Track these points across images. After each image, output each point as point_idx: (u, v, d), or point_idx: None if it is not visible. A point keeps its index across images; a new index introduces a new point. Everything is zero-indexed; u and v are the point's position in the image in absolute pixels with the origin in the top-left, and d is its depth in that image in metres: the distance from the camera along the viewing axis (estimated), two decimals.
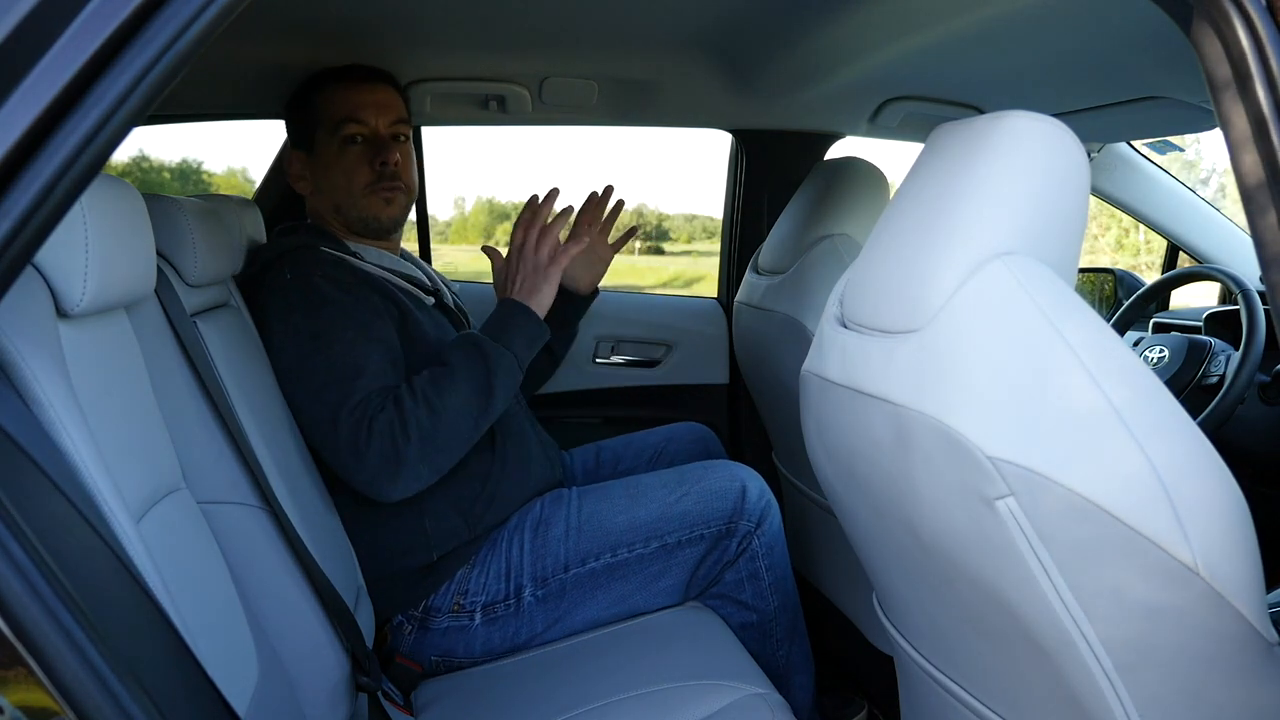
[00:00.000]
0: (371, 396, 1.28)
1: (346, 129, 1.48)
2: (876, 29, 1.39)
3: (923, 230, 0.81)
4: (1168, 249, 2.28)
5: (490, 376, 1.34)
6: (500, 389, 1.35)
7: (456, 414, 1.30)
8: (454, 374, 1.32)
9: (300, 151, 1.55)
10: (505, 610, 1.41)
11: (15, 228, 0.55)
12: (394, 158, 1.49)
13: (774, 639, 1.50)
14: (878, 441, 0.82)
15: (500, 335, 1.38)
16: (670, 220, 18.67)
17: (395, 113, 1.52)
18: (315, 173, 1.53)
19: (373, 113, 1.49)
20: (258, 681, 0.98)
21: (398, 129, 1.52)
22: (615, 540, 1.42)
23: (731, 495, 1.44)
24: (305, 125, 1.53)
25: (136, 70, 0.56)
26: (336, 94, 1.50)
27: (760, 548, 1.45)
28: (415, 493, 1.30)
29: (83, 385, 0.77)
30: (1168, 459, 0.68)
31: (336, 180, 1.50)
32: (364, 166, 1.49)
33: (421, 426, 1.27)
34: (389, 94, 1.53)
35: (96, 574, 0.61)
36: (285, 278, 1.37)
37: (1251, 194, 0.72)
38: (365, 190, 1.49)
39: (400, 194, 1.52)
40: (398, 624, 1.43)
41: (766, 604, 1.48)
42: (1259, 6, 0.70)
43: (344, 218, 1.52)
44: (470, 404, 1.32)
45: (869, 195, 1.64)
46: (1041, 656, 0.75)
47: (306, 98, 1.53)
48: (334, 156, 1.49)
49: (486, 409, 1.34)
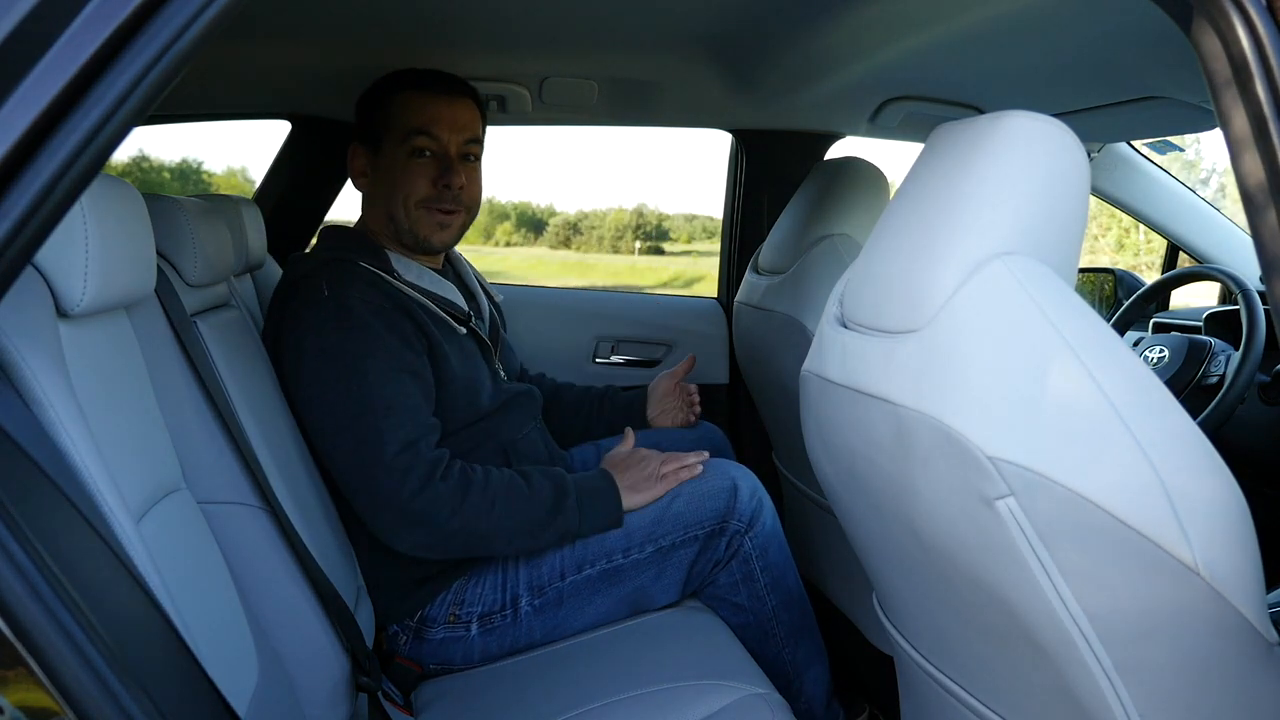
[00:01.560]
0: (420, 446, 1.28)
1: (416, 141, 1.43)
2: (876, 29, 1.39)
3: (923, 230, 0.81)
4: (1168, 249, 2.28)
5: (547, 529, 1.34)
6: (546, 541, 1.36)
7: (501, 528, 1.31)
8: (527, 500, 1.33)
9: (365, 148, 1.49)
10: (502, 620, 1.39)
11: (15, 228, 0.55)
12: (459, 180, 1.44)
13: (775, 639, 1.48)
14: (878, 441, 0.82)
15: (585, 507, 1.37)
16: (670, 220, 18.62)
17: (470, 131, 1.47)
18: (375, 174, 1.48)
19: (447, 129, 1.44)
20: (258, 681, 0.98)
21: (470, 149, 1.47)
22: (610, 546, 1.40)
23: (723, 495, 1.42)
24: (375, 123, 1.47)
25: (136, 70, 0.56)
26: (414, 101, 1.44)
27: (753, 550, 1.43)
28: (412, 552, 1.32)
29: (83, 385, 0.77)
30: (1168, 459, 0.68)
31: (394, 190, 1.44)
32: (425, 181, 1.44)
33: (471, 517, 1.29)
34: (468, 110, 1.47)
35: (96, 574, 0.61)
36: (323, 293, 1.33)
37: (1251, 194, 0.72)
38: (420, 206, 1.44)
39: (458, 217, 1.48)
40: (393, 633, 1.42)
41: (763, 605, 1.46)
42: (1259, 6, 0.70)
43: (395, 228, 1.47)
44: (516, 532, 1.33)
45: (869, 195, 1.64)
46: (1041, 656, 0.75)
47: (382, 96, 1.47)
48: (398, 165, 1.44)
49: (522, 542, 1.35)
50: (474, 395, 1.44)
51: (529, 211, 20.21)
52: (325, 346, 1.31)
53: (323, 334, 1.31)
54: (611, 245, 18.66)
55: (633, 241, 18.78)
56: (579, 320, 2.28)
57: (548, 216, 20.24)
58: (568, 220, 20.14)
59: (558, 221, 19.97)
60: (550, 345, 2.23)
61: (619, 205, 23.47)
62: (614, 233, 19.07)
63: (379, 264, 1.41)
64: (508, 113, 1.93)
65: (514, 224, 19.99)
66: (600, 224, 19.51)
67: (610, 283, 2.80)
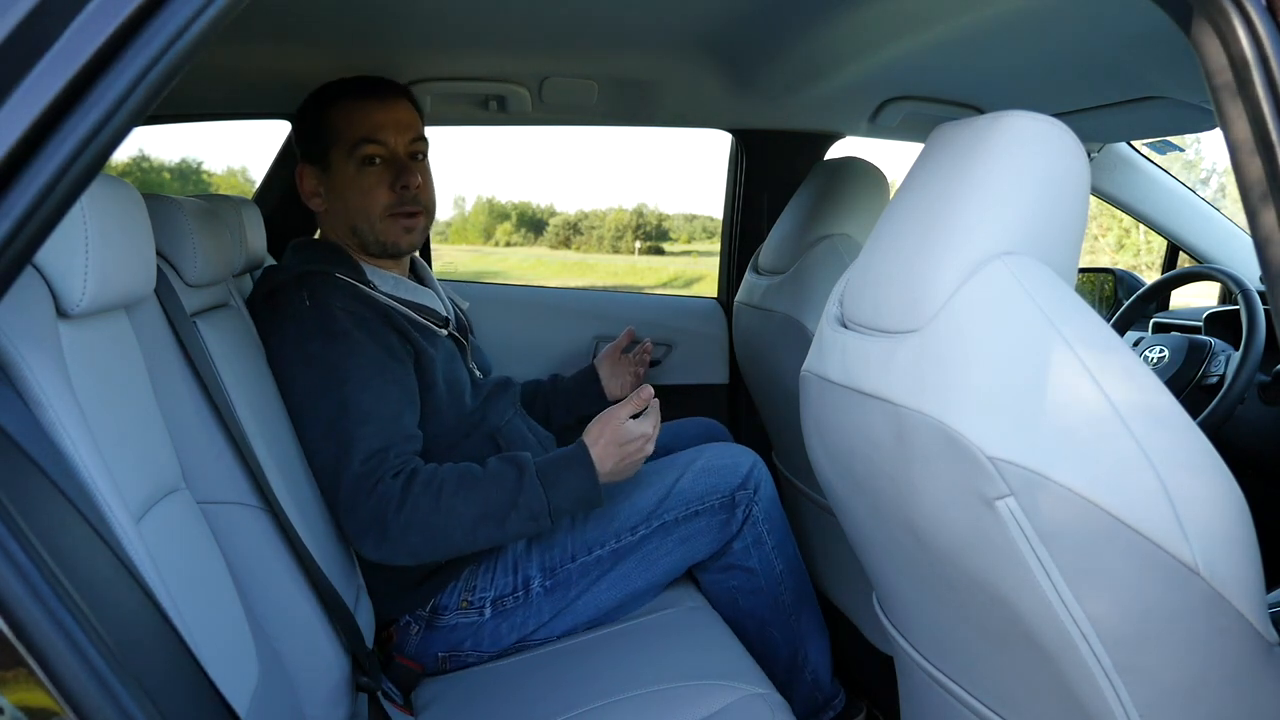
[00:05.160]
0: (389, 454, 1.26)
1: (364, 149, 1.42)
2: (876, 29, 1.39)
3: (923, 230, 0.81)
4: (1168, 249, 2.28)
5: (511, 510, 1.28)
6: (515, 525, 1.28)
7: (457, 521, 1.26)
8: (479, 485, 1.28)
9: (313, 166, 1.47)
10: (514, 602, 1.42)
11: (15, 228, 0.55)
12: (415, 180, 1.44)
13: (784, 605, 1.54)
14: (877, 441, 0.82)
15: (551, 478, 1.30)
16: (670, 220, 18.63)
17: (414, 130, 1.46)
18: (330, 191, 1.46)
19: (392, 132, 1.43)
20: (258, 681, 0.98)
21: (417, 147, 1.47)
22: (619, 526, 1.45)
23: (727, 471, 1.49)
24: (318, 140, 1.46)
25: (136, 70, 0.56)
26: (353, 112, 1.43)
27: (760, 514, 1.50)
28: (391, 563, 1.30)
29: (83, 385, 0.77)
30: (1168, 459, 0.68)
31: (353, 202, 1.44)
32: (383, 189, 1.43)
33: (417, 511, 1.24)
34: (407, 111, 1.47)
35: (96, 574, 0.61)
36: (304, 304, 1.33)
37: (1251, 194, 0.72)
38: (384, 214, 1.44)
39: (421, 218, 1.48)
40: (404, 624, 1.43)
41: (772, 568, 1.52)
42: (1259, 6, 0.70)
43: (360, 239, 1.46)
44: (477, 523, 1.27)
45: (869, 195, 1.64)
46: (1041, 656, 0.75)
47: (319, 111, 1.46)
48: (350, 177, 1.43)
49: (491, 534, 1.28)
50: (458, 396, 1.45)
51: (529, 211, 20.24)
52: (309, 356, 1.31)
53: (306, 344, 1.32)
54: (611, 245, 18.70)
55: (633, 241, 18.81)
56: (579, 320, 2.28)
57: (548, 216, 20.27)
58: (568, 220, 20.18)
59: (558, 221, 20.01)
60: (550, 345, 2.24)
61: (619, 205, 23.47)
62: (614, 233, 19.11)
63: (355, 276, 1.41)
64: (508, 113, 1.93)
65: (514, 224, 20.02)
66: (600, 224, 19.55)
67: (610, 283, 2.81)
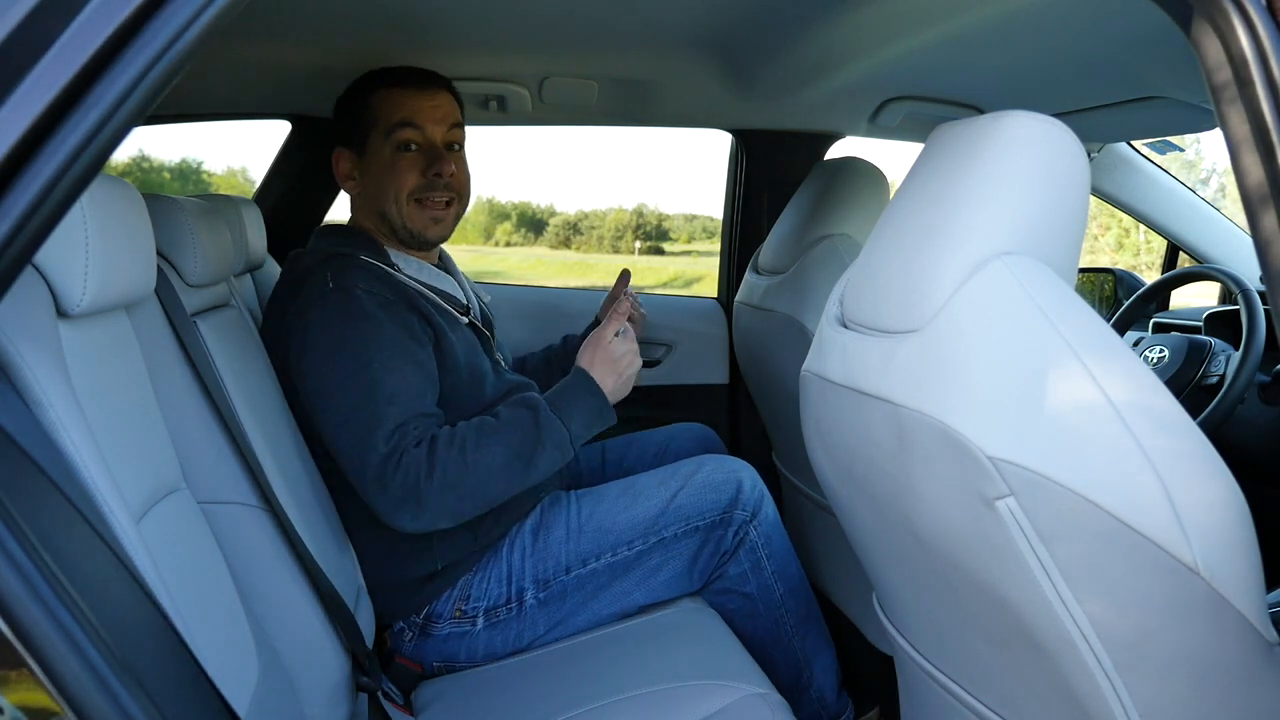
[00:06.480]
0: (409, 428, 1.26)
1: (402, 134, 1.44)
2: (876, 29, 1.39)
3: (923, 230, 0.81)
4: (1168, 249, 2.28)
5: (536, 447, 1.30)
6: (544, 461, 1.30)
7: (488, 471, 1.27)
8: (499, 431, 1.29)
9: (349, 150, 1.50)
10: (507, 614, 1.41)
11: (15, 228, 0.55)
12: (449, 168, 1.45)
13: (786, 627, 1.52)
14: (878, 441, 0.82)
15: (563, 406, 1.33)
16: (670, 220, 18.60)
17: (453, 118, 1.49)
18: (364, 174, 1.48)
19: (430, 120, 1.45)
20: (258, 681, 0.98)
21: (453, 136, 1.49)
22: (615, 539, 1.43)
23: (726, 488, 1.47)
24: (358, 124, 1.48)
25: (136, 70, 0.56)
26: (393, 97, 1.45)
27: (759, 538, 1.47)
28: (431, 530, 1.29)
29: (83, 385, 0.77)
30: (1168, 459, 0.68)
31: (385, 186, 1.45)
32: (414, 173, 1.44)
33: (448, 472, 1.24)
34: (448, 101, 1.49)
35: (96, 574, 0.61)
36: (328, 286, 1.34)
37: (1251, 194, 0.72)
38: (411, 199, 1.45)
39: (451, 208, 1.49)
40: (398, 630, 1.42)
41: (771, 593, 1.50)
42: (1259, 6, 0.70)
43: (389, 225, 1.47)
44: (508, 467, 1.28)
45: (869, 195, 1.64)
46: (1041, 656, 0.75)
47: (361, 97, 1.48)
48: (386, 160, 1.45)
49: (523, 476, 1.30)
50: (478, 384, 1.45)
51: (529, 211, 20.21)
52: (332, 339, 1.31)
53: (329, 326, 1.31)
54: (611, 245, 18.67)
55: (633, 241, 18.78)
56: (579, 320, 2.28)
57: (548, 216, 20.24)
58: (568, 220, 20.15)
59: (558, 221, 19.98)
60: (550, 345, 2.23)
61: (619, 205, 23.45)
62: (614, 233, 19.08)
63: (380, 258, 1.42)
64: (508, 113, 1.93)
65: (514, 224, 19.99)
66: (600, 224, 19.52)
67: (610, 283, 2.82)
